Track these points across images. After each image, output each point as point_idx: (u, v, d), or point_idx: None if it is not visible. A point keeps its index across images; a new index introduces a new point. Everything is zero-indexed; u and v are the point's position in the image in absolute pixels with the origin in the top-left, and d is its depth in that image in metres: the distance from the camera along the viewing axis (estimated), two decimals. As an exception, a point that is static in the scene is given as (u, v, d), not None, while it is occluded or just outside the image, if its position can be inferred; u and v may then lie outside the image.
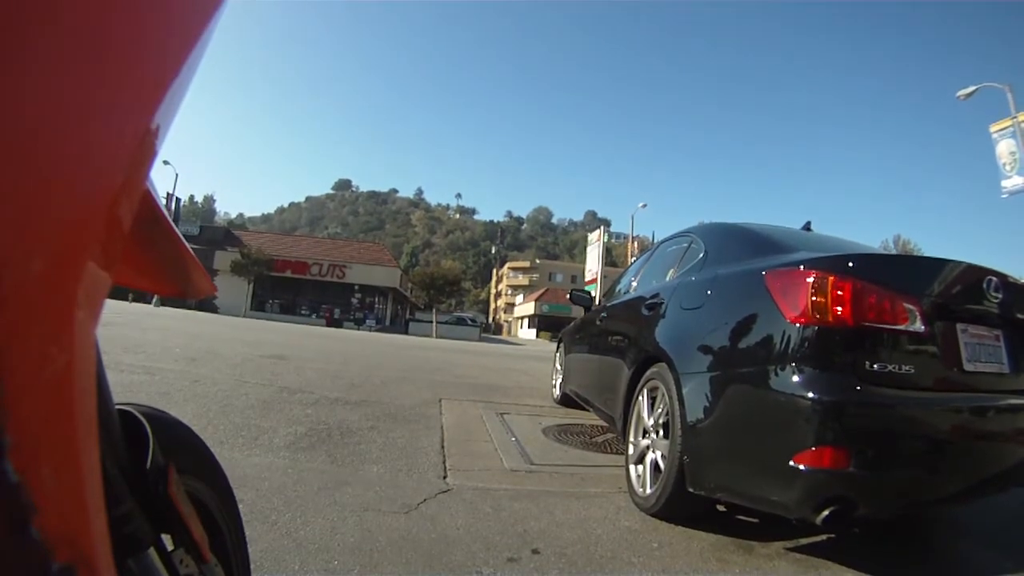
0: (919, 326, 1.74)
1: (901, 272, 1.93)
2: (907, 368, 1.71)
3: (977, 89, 13.15)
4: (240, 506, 0.81)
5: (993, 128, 13.11)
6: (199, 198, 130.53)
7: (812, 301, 1.71)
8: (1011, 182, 12.80)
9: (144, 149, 0.29)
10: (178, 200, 31.39)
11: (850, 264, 1.77)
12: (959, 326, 1.84)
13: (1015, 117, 12.53)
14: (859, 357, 1.68)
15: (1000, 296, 1.92)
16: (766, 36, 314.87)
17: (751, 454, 1.81)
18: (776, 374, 1.73)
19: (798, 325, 1.73)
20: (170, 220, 0.54)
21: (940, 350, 1.80)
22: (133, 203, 0.30)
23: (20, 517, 0.23)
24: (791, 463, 1.60)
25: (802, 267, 1.81)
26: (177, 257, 0.58)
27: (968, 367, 1.82)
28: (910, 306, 1.74)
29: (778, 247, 2.23)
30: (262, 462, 2.39)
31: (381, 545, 1.68)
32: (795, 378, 1.68)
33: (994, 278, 1.93)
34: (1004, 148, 12.89)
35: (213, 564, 0.61)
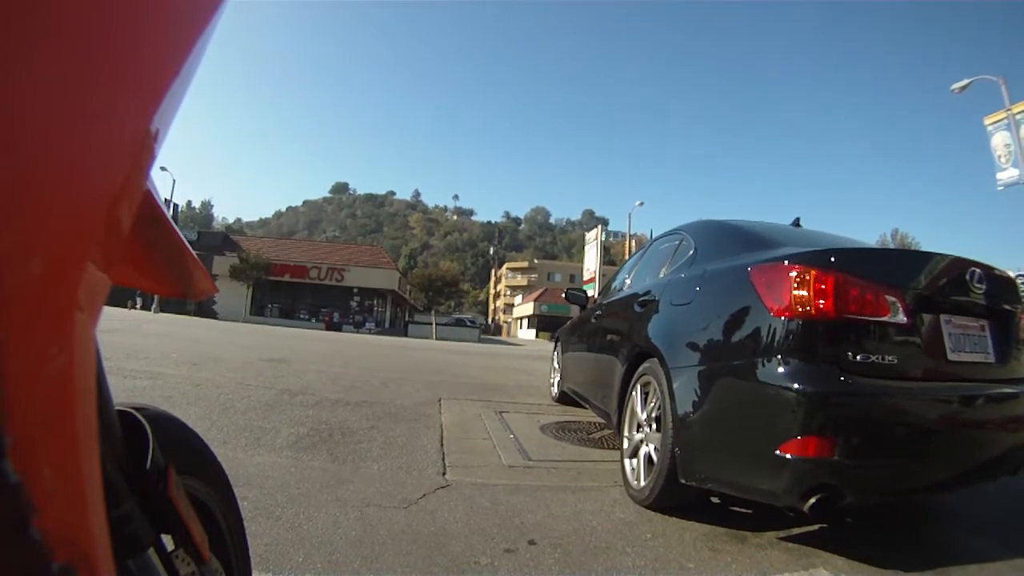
0: (901, 318, 1.79)
1: (884, 265, 1.98)
2: (890, 359, 1.75)
3: (971, 82, 13.17)
4: (244, 503, 0.84)
5: (987, 121, 13.12)
6: (197, 204, 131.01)
7: (795, 295, 1.76)
8: (1006, 174, 12.82)
9: (144, 150, 0.29)
10: (176, 206, 31.48)
11: (832, 258, 1.82)
12: (943, 317, 1.89)
13: (1009, 109, 12.53)
14: (842, 348, 1.73)
15: (984, 287, 1.96)
16: (763, 32, 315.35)
17: (739, 444, 1.86)
18: (762, 366, 1.78)
19: (782, 318, 1.78)
20: (171, 221, 0.54)
21: (923, 341, 1.85)
22: (133, 204, 0.30)
23: (20, 517, 0.23)
24: (778, 452, 1.65)
25: (786, 262, 1.86)
26: (178, 257, 0.58)
27: (952, 357, 1.86)
28: (892, 298, 1.79)
29: (765, 243, 2.28)
30: (265, 461, 2.44)
31: (382, 538, 1.73)
32: (780, 370, 1.73)
33: (978, 270, 1.97)
34: (999, 140, 12.90)
35: (213, 564, 0.61)
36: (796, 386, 1.67)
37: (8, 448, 0.22)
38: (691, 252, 2.66)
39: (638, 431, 2.45)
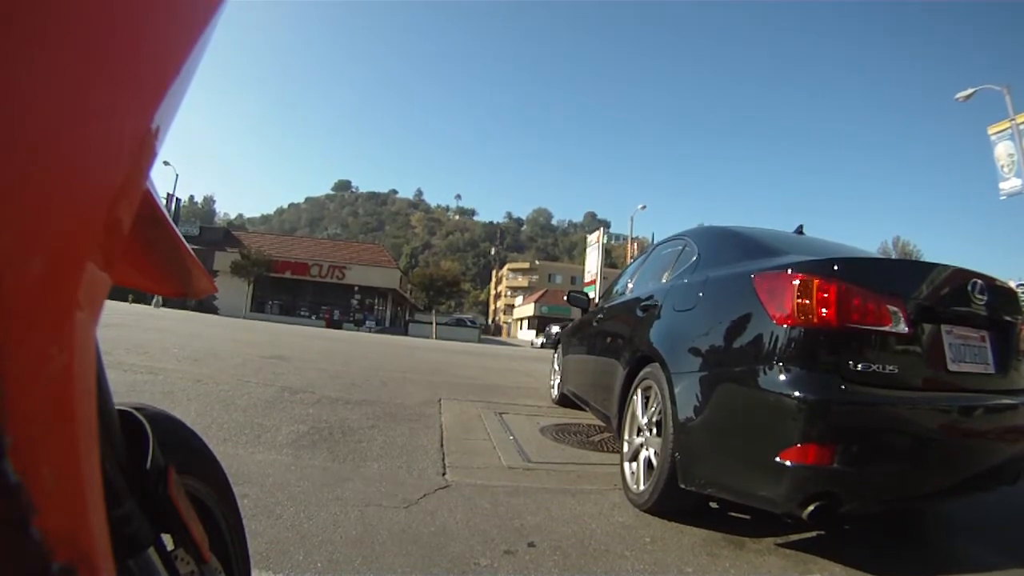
0: (903, 327, 1.79)
1: (886, 275, 1.98)
2: (891, 368, 1.76)
3: (976, 91, 13.13)
4: (245, 501, 0.84)
5: (991, 130, 13.09)
6: (199, 199, 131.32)
7: (798, 303, 1.77)
8: (1009, 184, 12.78)
9: (144, 149, 0.29)
10: (178, 200, 31.47)
11: (835, 267, 1.82)
12: (944, 327, 1.89)
13: (1013, 119, 12.50)
14: (844, 357, 1.73)
15: (985, 298, 1.97)
16: (768, 36, 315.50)
17: (739, 451, 1.87)
18: (763, 373, 1.78)
19: (785, 326, 1.78)
20: (170, 220, 0.54)
21: (924, 351, 1.85)
22: (133, 204, 0.30)
23: (20, 517, 0.23)
24: (777, 459, 1.66)
25: (789, 270, 1.87)
26: (178, 257, 0.58)
27: (952, 367, 1.87)
28: (894, 308, 1.79)
29: (768, 250, 2.29)
30: (266, 459, 2.45)
31: (382, 538, 1.73)
32: (781, 377, 1.74)
33: (979, 281, 1.98)
34: (1002, 150, 12.86)
35: (213, 564, 0.61)
36: (797, 394, 1.68)
37: (8, 448, 0.22)
38: (694, 258, 2.67)
39: (638, 435, 2.45)
